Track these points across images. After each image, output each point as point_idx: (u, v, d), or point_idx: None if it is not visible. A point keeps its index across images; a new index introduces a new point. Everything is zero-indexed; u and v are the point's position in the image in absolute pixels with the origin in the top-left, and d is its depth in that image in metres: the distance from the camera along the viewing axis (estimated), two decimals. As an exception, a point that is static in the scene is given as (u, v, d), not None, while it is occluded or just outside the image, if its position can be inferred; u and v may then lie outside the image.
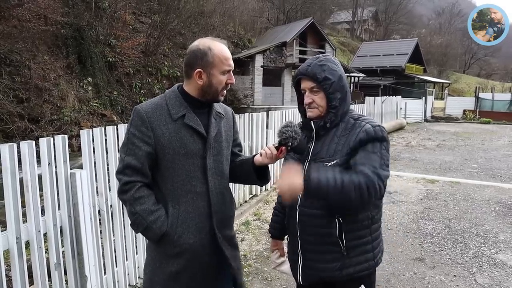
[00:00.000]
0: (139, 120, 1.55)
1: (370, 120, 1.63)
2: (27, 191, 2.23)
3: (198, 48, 1.57)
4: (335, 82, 1.59)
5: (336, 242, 1.58)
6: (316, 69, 1.60)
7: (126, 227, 3.04)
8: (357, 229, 1.59)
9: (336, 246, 1.58)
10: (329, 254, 1.60)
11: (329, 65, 1.61)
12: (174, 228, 1.56)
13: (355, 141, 1.54)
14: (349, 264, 1.59)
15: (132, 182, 1.53)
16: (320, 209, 1.59)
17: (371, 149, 1.52)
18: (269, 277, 3.46)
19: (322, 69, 1.59)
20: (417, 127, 17.76)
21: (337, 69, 1.62)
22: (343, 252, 1.58)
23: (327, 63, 1.62)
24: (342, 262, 1.59)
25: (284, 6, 37.39)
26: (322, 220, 1.59)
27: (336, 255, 1.59)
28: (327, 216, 1.58)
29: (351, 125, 1.61)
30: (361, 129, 1.56)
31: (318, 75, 1.59)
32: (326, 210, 1.57)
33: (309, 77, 1.61)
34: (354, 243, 1.59)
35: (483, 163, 8.87)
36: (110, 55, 17.72)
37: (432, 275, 3.53)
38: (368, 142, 1.53)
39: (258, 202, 5.59)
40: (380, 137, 1.54)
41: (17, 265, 2.16)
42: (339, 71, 1.62)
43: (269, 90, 24.19)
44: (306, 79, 1.64)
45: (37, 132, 12.52)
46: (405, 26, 59.08)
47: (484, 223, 4.86)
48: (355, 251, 1.60)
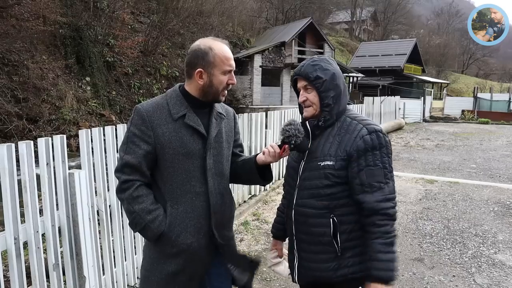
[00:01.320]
0: (139, 119, 1.54)
1: (367, 122, 1.62)
2: (25, 192, 2.22)
3: (199, 47, 1.56)
4: (327, 80, 1.60)
5: (330, 242, 1.58)
6: (308, 69, 1.63)
7: (124, 228, 3.03)
8: (353, 230, 1.58)
9: (331, 246, 1.58)
10: (323, 254, 1.60)
11: (322, 65, 1.63)
12: (172, 228, 1.55)
13: (352, 147, 1.55)
14: (344, 265, 1.59)
15: (131, 181, 1.53)
16: (315, 208, 1.59)
17: (372, 162, 1.53)
18: (268, 277, 3.45)
19: (314, 68, 1.62)
20: (416, 127, 17.79)
21: (330, 68, 1.63)
22: (337, 252, 1.58)
23: (320, 62, 1.64)
24: (337, 262, 1.59)
25: (283, 6, 37.39)
26: (316, 219, 1.59)
27: (330, 255, 1.59)
28: (322, 216, 1.58)
29: (347, 125, 1.62)
30: (358, 133, 1.56)
31: (310, 74, 1.61)
32: (321, 209, 1.58)
33: (302, 76, 1.65)
34: (350, 244, 1.58)
35: (482, 163, 8.89)
36: (108, 55, 17.68)
37: (431, 275, 3.53)
38: (366, 152, 1.53)
39: (257, 202, 5.58)
40: (378, 145, 1.55)
41: (15, 265, 2.16)
42: (332, 69, 1.63)
43: (268, 90, 24.18)
44: (300, 79, 1.67)
45: (35, 132, 12.48)
46: (403, 27, 59.17)
47: (483, 223, 4.86)
48: (351, 252, 1.59)
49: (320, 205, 1.58)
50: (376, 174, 1.52)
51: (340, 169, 1.55)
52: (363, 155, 1.53)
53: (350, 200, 1.57)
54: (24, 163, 2.19)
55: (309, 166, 1.63)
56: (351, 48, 44.43)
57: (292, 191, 1.70)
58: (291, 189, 1.71)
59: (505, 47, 60.46)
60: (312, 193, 1.60)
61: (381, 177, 1.52)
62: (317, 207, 1.58)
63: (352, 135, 1.57)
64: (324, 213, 1.57)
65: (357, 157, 1.54)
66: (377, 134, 1.56)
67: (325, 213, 1.57)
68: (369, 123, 1.61)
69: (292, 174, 1.72)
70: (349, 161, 1.55)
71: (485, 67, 62.37)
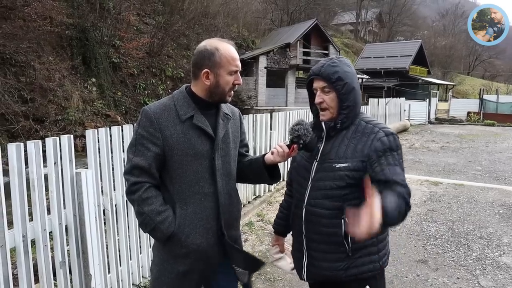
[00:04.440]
0: (147, 121, 1.55)
1: (382, 125, 1.63)
2: (33, 190, 2.25)
3: (205, 48, 1.57)
4: (347, 83, 1.60)
5: (341, 242, 1.59)
6: (329, 70, 1.61)
7: (130, 227, 3.06)
8: None
9: (342, 246, 1.59)
10: (334, 254, 1.62)
11: (342, 67, 1.62)
12: (182, 229, 1.56)
13: (370, 149, 1.55)
14: (354, 265, 1.60)
15: (140, 183, 1.54)
16: (327, 209, 1.60)
17: (392, 161, 1.53)
18: (272, 278, 3.47)
19: (335, 70, 1.60)
20: (421, 129, 17.71)
21: (350, 71, 1.63)
22: (348, 252, 1.59)
23: (340, 64, 1.63)
24: (347, 262, 1.60)
25: (288, 7, 37.42)
26: (328, 220, 1.60)
27: (341, 255, 1.61)
28: (334, 216, 1.59)
29: (362, 128, 1.62)
30: (375, 136, 1.57)
31: (331, 75, 1.60)
32: (334, 210, 1.59)
33: (322, 77, 1.62)
34: (360, 244, 1.58)
35: (487, 166, 8.84)
36: (114, 56, 17.80)
37: (435, 277, 3.53)
38: (385, 152, 1.54)
39: (262, 203, 5.60)
40: (395, 146, 1.56)
41: (23, 263, 2.19)
42: (352, 73, 1.63)
43: (273, 92, 24.20)
44: (318, 79, 1.65)
45: (41, 132, 12.60)
46: (409, 28, 58.95)
47: (488, 226, 4.84)
48: (360, 252, 1.60)
49: (333, 206, 1.59)
50: (399, 173, 1.52)
51: (356, 170, 1.56)
52: (383, 155, 1.54)
53: (361, 201, 1.58)
54: (33, 162, 2.22)
55: (322, 167, 1.63)
56: (356, 49, 44.33)
57: (303, 190, 1.70)
58: (302, 189, 1.71)
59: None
60: (325, 193, 1.60)
61: (403, 176, 1.53)
62: (330, 207, 1.59)
63: (369, 137, 1.58)
64: (337, 213, 1.58)
65: (377, 158, 1.54)
66: (394, 137, 1.58)
67: (337, 214, 1.58)
68: (384, 126, 1.62)
69: (304, 173, 1.72)
70: (368, 163, 1.55)
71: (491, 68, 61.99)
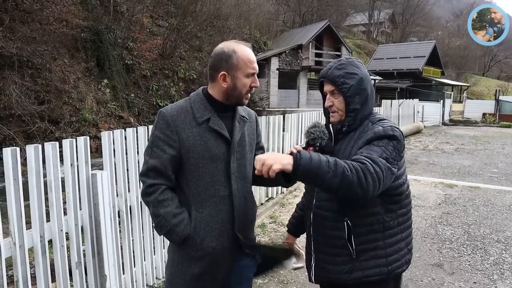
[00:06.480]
0: (164, 123, 1.55)
1: (387, 123, 1.59)
2: (50, 191, 2.29)
3: (223, 51, 1.56)
4: (353, 85, 1.57)
5: (345, 245, 1.58)
6: (335, 73, 1.59)
7: (144, 228, 3.09)
8: (367, 233, 1.58)
9: (346, 249, 1.59)
10: (338, 257, 1.61)
11: (349, 69, 1.59)
12: (197, 232, 1.57)
13: (363, 142, 1.54)
14: (358, 268, 1.59)
15: (156, 185, 1.54)
16: (331, 211, 1.60)
17: (376, 144, 1.49)
18: (285, 280, 3.46)
19: (340, 72, 1.58)
20: (435, 130, 17.46)
21: (358, 72, 1.60)
22: (352, 255, 1.58)
23: (347, 66, 1.60)
24: (352, 265, 1.59)
25: (300, 8, 37.36)
26: (332, 222, 1.61)
27: (345, 258, 1.60)
28: (337, 219, 1.59)
29: (367, 129, 1.60)
30: (371, 130, 1.55)
31: (337, 78, 1.58)
32: (337, 212, 1.59)
33: (328, 80, 1.62)
34: (364, 247, 1.58)
35: (504, 168, 8.67)
36: (127, 58, 18.01)
37: (451, 281, 3.47)
38: (373, 140, 1.51)
39: (274, 205, 5.59)
40: (389, 135, 1.51)
41: (41, 262, 2.23)
42: (360, 74, 1.60)
43: (285, 93, 24.18)
44: (327, 82, 1.64)
45: (57, 133, 12.81)
46: (422, 28, 58.31)
47: (505, 229, 4.75)
48: (366, 255, 1.59)
49: (335, 208, 1.59)
50: (372, 150, 1.46)
51: None
52: (370, 142, 1.51)
53: (366, 204, 1.57)
54: (50, 164, 2.26)
55: None
56: (369, 50, 44.03)
57: (312, 193, 1.71)
58: (311, 191, 1.72)
59: (529, 49, 58.86)
60: (330, 196, 1.60)
61: (374, 154, 1.44)
62: (333, 210, 1.60)
63: (367, 133, 1.55)
64: (339, 216, 1.58)
65: (363, 145, 1.51)
66: (391, 128, 1.53)
67: (340, 217, 1.58)
68: (388, 124, 1.57)
69: None
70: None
71: (507, 69, 60.81)
